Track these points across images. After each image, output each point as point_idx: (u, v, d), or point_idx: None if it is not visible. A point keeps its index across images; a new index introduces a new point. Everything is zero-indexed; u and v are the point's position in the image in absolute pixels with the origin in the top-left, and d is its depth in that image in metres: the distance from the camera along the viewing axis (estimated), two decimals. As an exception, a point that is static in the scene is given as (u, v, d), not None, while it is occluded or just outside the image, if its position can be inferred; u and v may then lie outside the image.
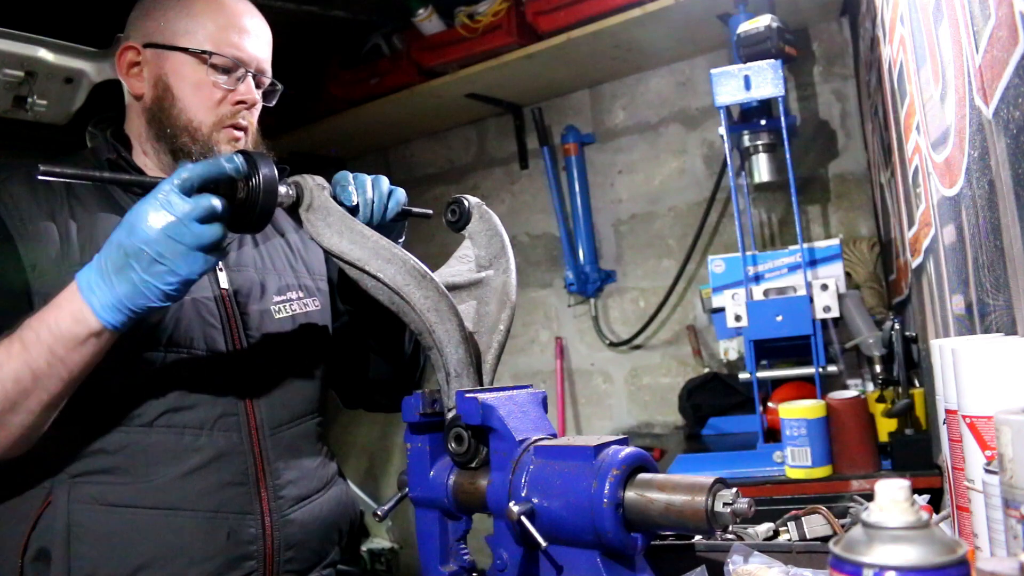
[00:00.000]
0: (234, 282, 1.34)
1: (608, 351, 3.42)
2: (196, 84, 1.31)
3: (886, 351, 1.89)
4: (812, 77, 2.96)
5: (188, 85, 1.31)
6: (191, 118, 1.31)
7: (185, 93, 1.31)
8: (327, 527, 1.36)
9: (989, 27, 0.93)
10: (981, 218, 1.08)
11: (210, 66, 1.31)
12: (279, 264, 1.44)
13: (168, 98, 1.32)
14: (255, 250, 1.42)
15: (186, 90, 1.31)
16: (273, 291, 1.39)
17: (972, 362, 0.81)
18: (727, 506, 0.74)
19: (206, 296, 1.29)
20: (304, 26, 3.19)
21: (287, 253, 1.47)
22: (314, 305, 1.45)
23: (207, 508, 1.22)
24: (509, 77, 3.14)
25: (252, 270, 1.39)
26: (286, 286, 1.42)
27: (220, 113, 1.33)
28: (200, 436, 1.23)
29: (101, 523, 1.17)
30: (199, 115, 1.32)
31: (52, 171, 1.03)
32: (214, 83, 1.32)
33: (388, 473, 3.96)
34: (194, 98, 1.32)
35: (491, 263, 1.09)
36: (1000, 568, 0.54)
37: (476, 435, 0.90)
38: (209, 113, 1.32)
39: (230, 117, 1.34)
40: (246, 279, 1.36)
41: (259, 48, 1.38)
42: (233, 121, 1.34)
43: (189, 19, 1.32)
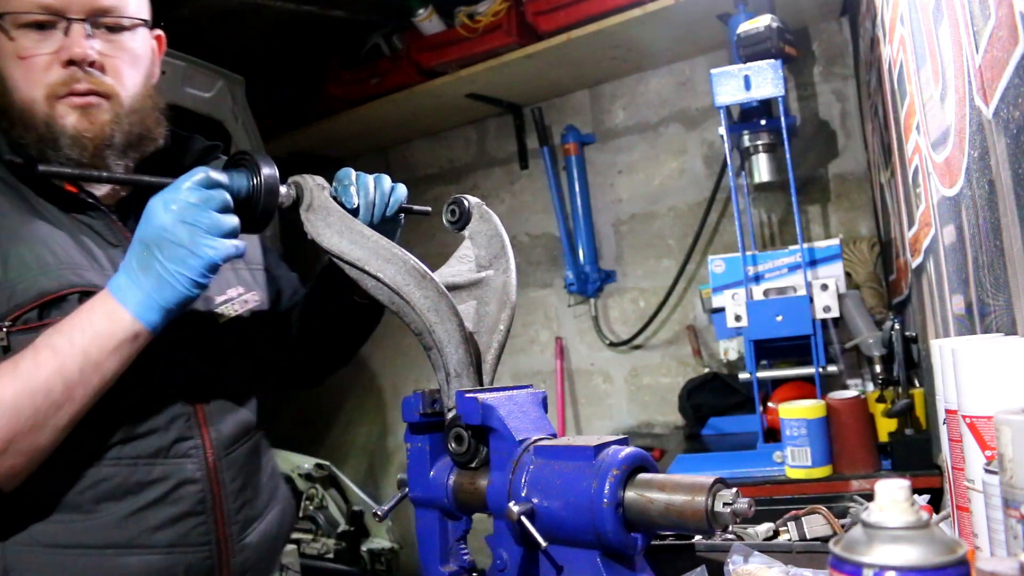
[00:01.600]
0: None
1: (608, 351, 3.41)
2: (11, 54, 1.07)
3: (886, 351, 1.89)
4: (812, 77, 2.96)
5: (8, 58, 1.07)
6: (22, 98, 1.08)
7: (8, 70, 1.08)
8: (275, 542, 1.28)
9: (989, 27, 0.93)
10: (981, 218, 1.08)
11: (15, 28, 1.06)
12: None
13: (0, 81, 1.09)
14: None
15: (7, 65, 1.07)
16: (215, 291, 1.24)
17: (972, 362, 0.81)
18: (727, 506, 0.74)
19: None
20: (304, 26, 3.20)
21: None
22: (255, 300, 1.31)
23: (164, 544, 1.10)
24: (509, 77, 3.14)
25: None
26: (226, 283, 1.27)
27: (49, 82, 1.07)
28: (155, 467, 1.11)
29: (43, 567, 1.05)
30: (28, 92, 1.07)
31: (50, 171, 1.03)
32: (27, 47, 1.06)
33: (388, 473, 3.96)
34: (15, 72, 1.07)
35: (491, 263, 1.09)
36: (1000, 568, 0.54)
37: (476, 435, 0.90)
38: (36, 86, 1.07)
39: (63, 85, 1.08)
40: None
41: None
42: (69, 88, 1.09)
43: None
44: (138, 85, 1.16)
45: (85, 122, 1.10)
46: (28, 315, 1.04)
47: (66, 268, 1.07)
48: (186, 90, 2.88)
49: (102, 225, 1.15)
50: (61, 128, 1.09)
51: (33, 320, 1.04)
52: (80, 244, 1.11)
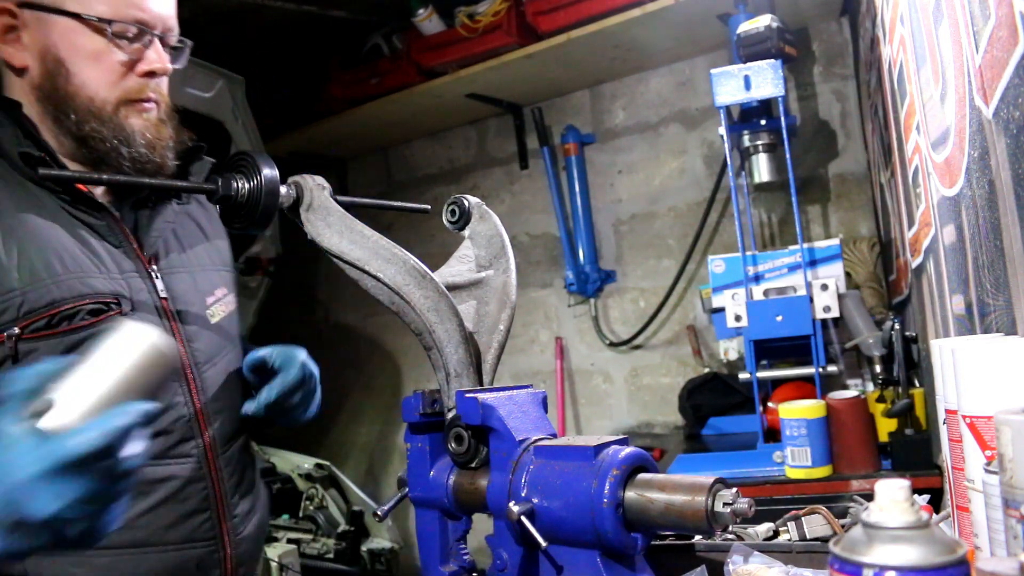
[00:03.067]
0: (171, 288, 1.20)
1: (608, 351, 3.41)
2: (94, 56, 1.10)
3: (886, 351, 1.89)
4: (812, 77, 2.96)
5: (85, 58, 1.10)
6: (92, 96, 1.12)
7: (81, 67, 1.11)
8: (262, 531, 1.33)
9: (989, 27, 0.93)
10: (981, 218, 1.08)
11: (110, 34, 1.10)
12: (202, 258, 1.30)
13: (61, 74, 1.11)
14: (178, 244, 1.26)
15: (83, 64, 1.10)
16: (205, 291, 1.27)
17: (972, 362, 0.81)
18: (727, 506, 0.74)
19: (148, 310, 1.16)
20: (304, 26, 3.20)
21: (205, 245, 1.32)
22: (234, 302, 1.34)
23: (176, 541, 1.14)
24: (509, 77, 3.14)
25: (184, 271, 1.25)
26: (213, 283, 1.29)
27: (126, 87, 1.14)
28: (159, 467, 1.13)
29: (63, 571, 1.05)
30: (102, 92, 1.12)
31: (50, 174, 1.03)
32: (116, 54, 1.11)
33: (388, 473, 3.96)
34: (94, 73, 1.11)
35: (491, 263, 1.09)
36: (1000, 568, 0.54)
37: (476, 435, 0.90)
38: (113, 89, 1.13)
39: (137, 91, 1.15)
40: (181, 283, 1.23)
41: (164, 4, 1.16)
42: (142, 95, 1.16)
43: None
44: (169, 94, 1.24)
45: (147, 124, 1.17)
46: (37, 324, 1.04)
47: (73, 275, 1.08)
48: (186, 90, 2.88)
49: (104, 226, 1.16)
50: (132, 129, 1.15)
51: (42, 328, 1.04)
52: (86, 245, 1.12)
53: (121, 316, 1.10)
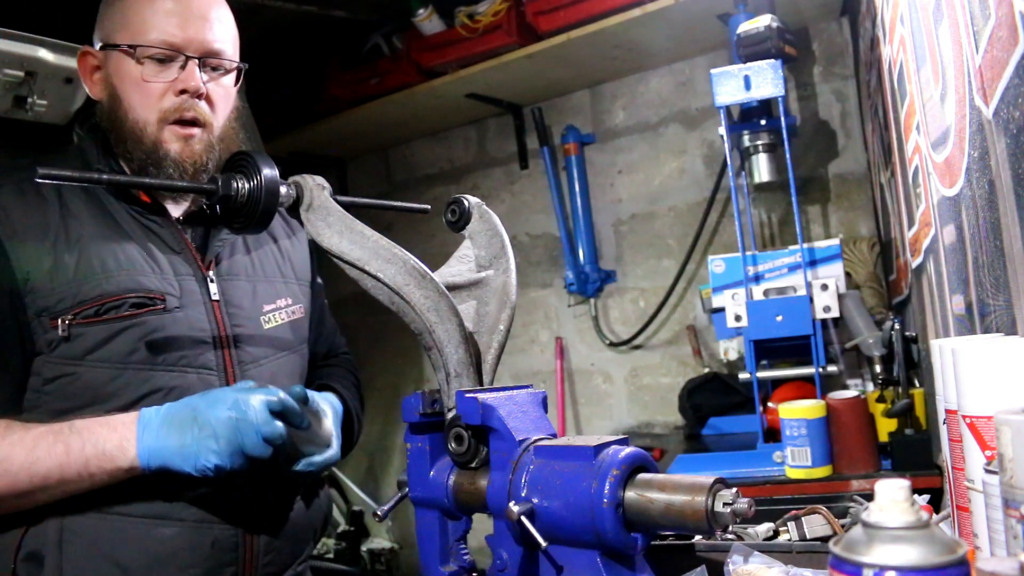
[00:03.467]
0: (225, 292, 1.32)
1: (608, 351, 3.41)
2: (134, 82, 1.24)
3: (886, 351, 1.89)
4: (812, 77, 2.96)
5: (129, 84, 1.24)
6: (135, 118, 1.25)
7: (128, 93, 1.25)
8: (301, 527, 1.38)
9: (989, 27, 0.93)
10: (981, 218, 1.08)
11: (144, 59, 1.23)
12: (269, 270, 1.42)
13: (116, 101, 1.26)
14: (247, 257, 1.39)
15: (128, 90, 1.25)
16: (264, 299, 1.37)
17: (972, 362, 0.81)
18: (727, 506, 0.74)
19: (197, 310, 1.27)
20: (304, 26, 3.20)
21: (277, 258, 1.44)
22: (300, 312, 1.43)
23: (194, 519, 1.23)
24: (509, 77, 3.14)
25: (243, 278, 1.36)
26: (275, 293, 1.40)
27: (163, 108, 1.25)
28: None
29: (92, 529, 1.19)
30: (143, 114, 1.25)
31: (51, 174, 1.03)
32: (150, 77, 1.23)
33: (388, 473, 3.96)
34: (136, 97, 1.24)
35: (491, 263, 1.09)
36: (1000, 568, 0.54)
37: (476, 435, 0.90)
38: (151, 110, 1.25)
39: (175, 111, 1.25)
40: (237, 289, 1.34)
41: (202, 28, 1.25)
42: (179, 115, 1.26)
43: (124, 12, 1.25)
44: (228, 117, 1.33)
45: (187, 150, 1.27)
46: (87, 311, 1.19)
47: (124, 273, 1.22)
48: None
49: (167, 233, 1.29)
50: (166, 152, 1.26)
51: (91, 316, 1.19)
52: (145, 249, 1.26)
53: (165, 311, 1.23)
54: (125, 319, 1.20)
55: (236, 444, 1.11)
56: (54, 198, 1.23)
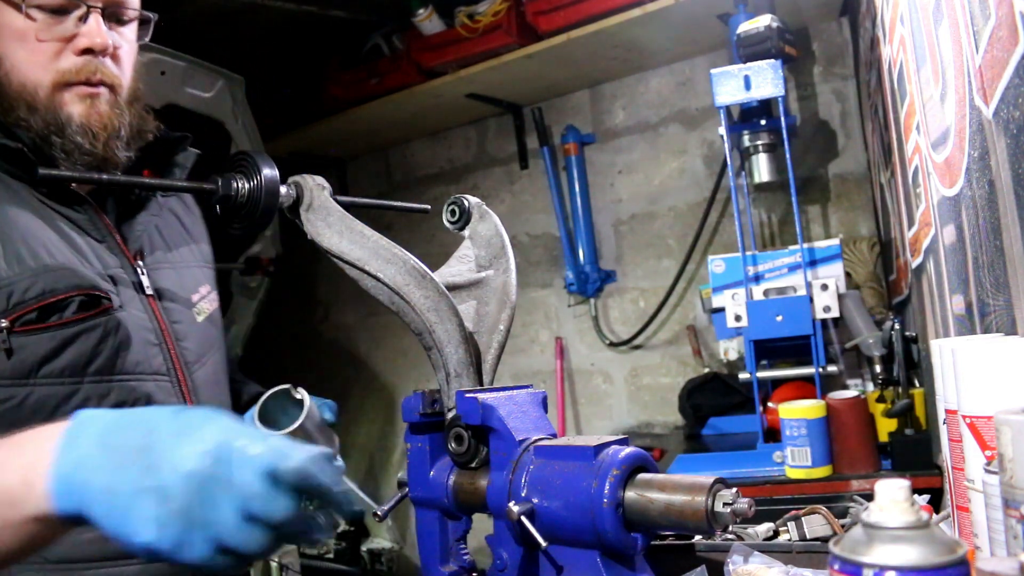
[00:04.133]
0: (156, 284, 1.14)
1: (608, 351, 3.41)
2: (18, 35, 1.01)
3: (886, 351, 1.89)
4: (812, 77, 2.96)
5: (9, 39, 1.01)
6: (23, 81, 1.02)
7: (8, 50, 1.01)
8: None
9: (989, 27, 0.93)
10: (981, 218, 1.08)
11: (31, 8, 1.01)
12: (185, 255, 1.24)
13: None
14: (162, 240, 1.19)
15: (9, 45, 1.01)
16: (190, 288, 1.21)
17: (972, 362, 0.81)
18: (727, 506, 0.74)
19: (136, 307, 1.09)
20: (304, 26, 3.20)
21: (186, 239, 1.25)
22: (217, 299, 1.28)
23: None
24: (509, 77, 3.14)
25: (168, 267, 1.18)
26: (196, 280, 1.24)
27: (60, 68, 1.03)
28: None
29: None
30: (32, 75, 1.02)
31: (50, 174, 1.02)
32: (41, 30, 1.01)
33: (388, 473, 3.96)
34: (22, 54, 1.01)
35: (491, 263, 1.09)
36: (1000, 568, 0.54)
37: (476, 435, 0.90)
38: (44, 71, 1.03)
39: (76, 72, 1.04)
40: (166, 278, 1.16)
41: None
42: (83, 76, 1.05)
43: None
44: (133, 76, 1.13)
45: (91, 111, 1.06)
46: (28, 316, 0.99)
47: (64, 268, 1.02)
48: (186, 90, 2.88)
49: (86, 219, 1.10)
50: (67, 116, 1.05)
51: (34, 322, 0.99)
52: (67, 240, 1.06)
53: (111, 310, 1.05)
54: (75, 323, 1.01)
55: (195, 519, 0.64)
56: None
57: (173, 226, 1.25)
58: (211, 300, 1.25)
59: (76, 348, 1.01)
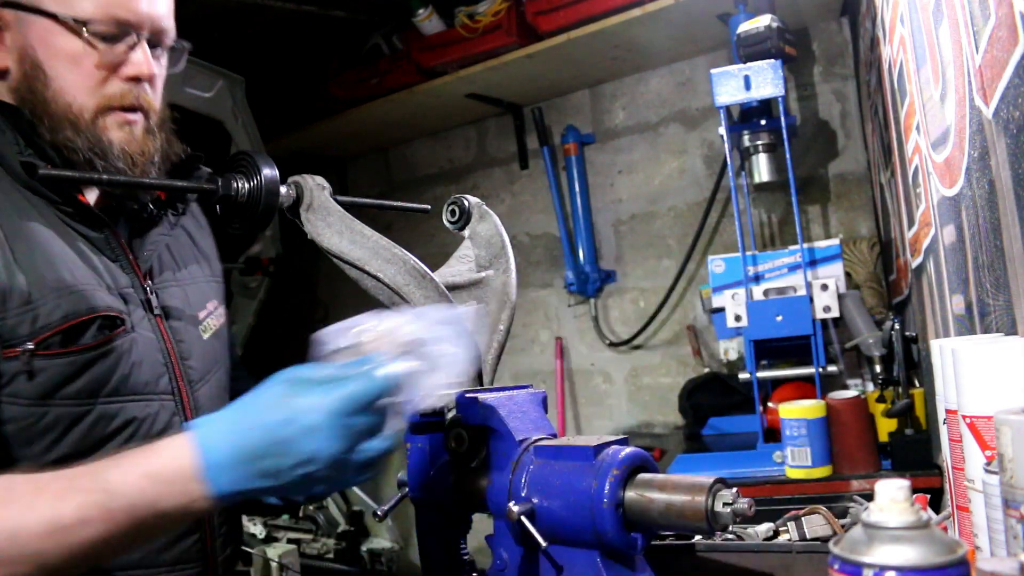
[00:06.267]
0: (164, 304, 1.16)
1: (608, 351, 3.41)
2: (72, 59, 1.04)
3: (886, 351, 1.89)
4: (812, 77, 2.96)
5: (62, 61, 1.04)
6: (69, 103, 1.05)
7: (59, 71, 1.04)
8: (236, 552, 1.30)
9: (989, 27, 0.93)
10: (981, 218, 1.08)
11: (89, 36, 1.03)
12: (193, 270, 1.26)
13: (39, 78, 1.04)
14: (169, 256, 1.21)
15: (60, 67, 1.04)
16: (197, 306, 1.22)
17: (972, 362, 0.81)
18: (727, 506, 0.74)
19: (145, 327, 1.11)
20: (304, 26, 3.20)
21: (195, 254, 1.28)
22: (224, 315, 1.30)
23: (168, 563, 1.12)
24: (509, 77, 3.14)
25: (174, 283, 1.20)
26: (204, 296, 1.25)
27: (106, 94, 1.06)
28: None
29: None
30: (79, 98, 1.05)
31: (51, 174, 1.02)
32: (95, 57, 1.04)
33: (388, 473, 3.94)
34: (71, 77, 1.04)
35: (491, 263, 1.09)
36: (1000, 568, 0.54)
37: (476, 435, 0.90)
38: (91, 95, 1.06)
39: (120, 98, 1.07)
40: (173, 297, 1.18)
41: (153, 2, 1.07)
42: (125, 102, 1.08)
43: None
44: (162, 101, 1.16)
45: (130, 138, 1.09)
46: (51, 340, 1.00)
47: (84, 290, 1.04)
48: (186, 90, 2.88)
49: (102, 239, 1.11)
50: (109, 142, 1.08)
51: (56, 345, 1.00)
52: (85, 259, 1.07)
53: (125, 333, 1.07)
54: (93, 348, 1.03)
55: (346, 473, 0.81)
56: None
57: (183, 243, 1.26)
58: (218, 316, 1.26)
59: (92, 372, 1.03)
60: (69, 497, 0.81)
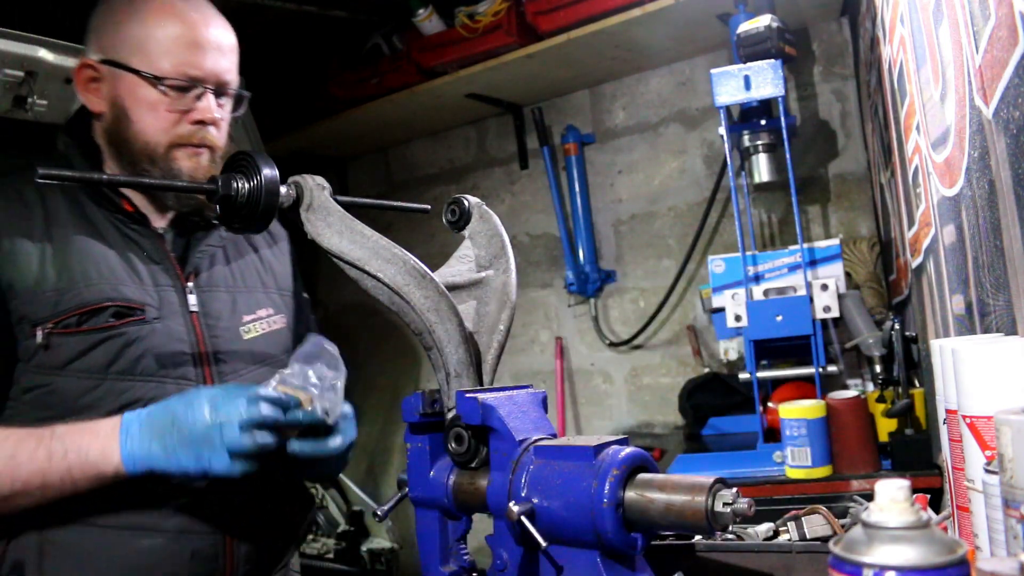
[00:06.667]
0: (204, 304, 1.33)
1: (608, 351, 3.41)
2: (150, 106, 1.27)
3: (886, 351, 1.89)
4: (812, 77, 2.96)
5: (143, 107, 1.27)
6: (147, 141, 1.28)
7: (140, 115, 1.28)
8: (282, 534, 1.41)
9: (989, 27, 0.93)
10: (981, 218, 1.08)
11: (164, 87, 1.27)
12: (250, 280, 1.43)
13: (124, 120, 1.29)
14: (227, 268, 1.40)
15: (140, 112, 1.28)
16: (244, 310, 1.38)
17: (972, 362, 0.81)
18: (727, 506, 0.74)
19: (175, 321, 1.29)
20: (304, 26, 3.20)
21: (258, 268, 1.46)
22: (281, 322, 1.44)
23: (174, 529, 1.24)
24: (509, 77, 3.14)
25: (223, 289, 1.37)
26: (256, 303, 1.41)
27: (177, 133, 1.29)
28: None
29: (73, 540, 1.20)
30: (154, 137, 1.28)
31: (50, 174, 1.03)
32: (169, 105, 1.28)
33: (388, 473, 3.96)
34: (149, 120, 1.28)
35: (491, 263, 1.09)
36: (1000, 568, 0.54)
37: (476, 435, 0.90)
38: (165, 135, 1.29)
39: (188, 136, 1.30)
40: (216, 300, 1.35)
41: (218, 60, 1.30)
42: (192, 140, 1.31)
43: (142, 31, 1.26)
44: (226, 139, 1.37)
45: (197, 167, 1.31)
46: (68, 321, 1.20)
47: (105, 282, 1.24)
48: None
49: (149, 243, 1.31)
50: (179, 170, 1.30)
51: (72, 326, 1.20)
52: (125, 259, 1.28)
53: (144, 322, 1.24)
54: (105, 330, 1.21)
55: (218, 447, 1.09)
56: (38, 205, 1.25)
57: (246, 256, 1.45)
58: (269, 322, 1.42)
59: (102, 350, 1.21)
60: (27, 441, 1.13)
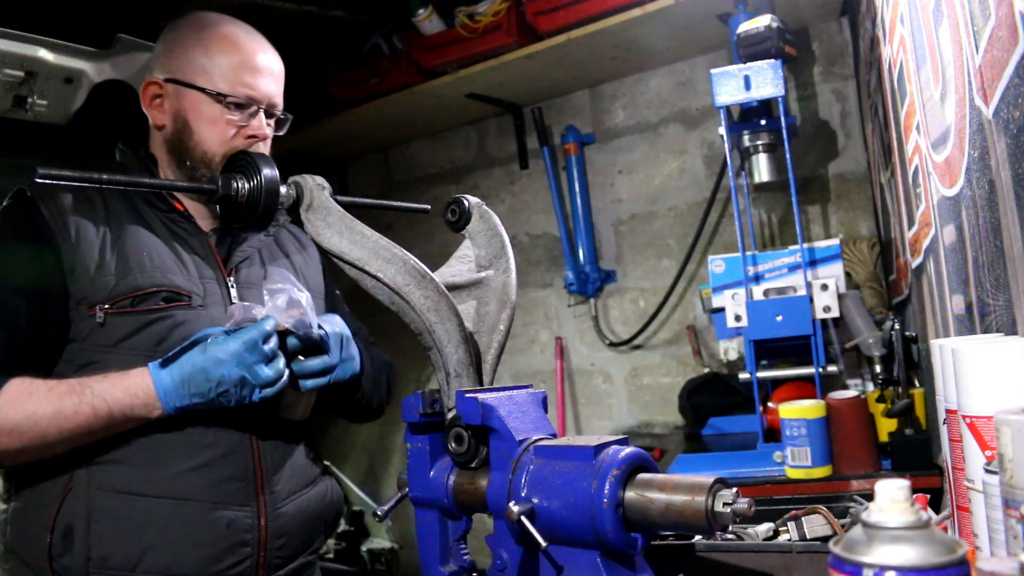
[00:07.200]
0: (243, 297, 1.47)
1: (608, 351, 3.41)
2: (211, 120, 1.44)
3: (886, 351, 1.89)
4: (812, 77, 2.96)
5: (204, 121, 1.44)
6: (206, 150, 1.44)
7: (201, 128, 1.44)
8: (313, 519, 1.50)
9: (989, 27, 0.93)
10: (981, 218, 1.08)
11: (225, 104, 1.43)
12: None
13: (187, 132, 1.44)
14: (262, 269, 1.54)
15: (202, 125, 1.44)
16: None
17: (972, 362, 0.81)
18: (727, 506, 0.74)
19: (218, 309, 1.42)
20: (304, 26, 3.19)
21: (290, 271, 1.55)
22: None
23: (211, 499, 1.36)
24: (509, 77, 3.14)
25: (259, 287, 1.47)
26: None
27: (232, 145, 1.44)
28: (208, 434, 1.37)
29: (117, 508, 1.32)
30: (213, 147, 1.44)
31: (50, 173, 1.03)
32: (228, 120, 1.44)
33: (388, 473, 3.96)
34: (209, 132, 1.44)
35: (491, 263, 1.09)
36: (1000, 568, 0.54)
37: (476, 435, 0.90)
38: (222, 146, 1.44)
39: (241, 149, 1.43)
40: (253, 295, 1.48)
41: (271, 84, 1.48)
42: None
43: (206, 58, 1.44)
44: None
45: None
46: (123, 302, 1.35)
47: (157, 270, 1.38)
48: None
49: (195, 240, 1.47)
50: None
51: (127, 307, 1.35)
52: (175, 252, 1.43)
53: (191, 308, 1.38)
54: (156, 311, 1.36)
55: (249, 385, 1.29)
56: (100, 202, 1.42)
57: (277, 259, 1.59)
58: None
59: (151, 330, 1.35)
60: (68, 397, 1.27)
